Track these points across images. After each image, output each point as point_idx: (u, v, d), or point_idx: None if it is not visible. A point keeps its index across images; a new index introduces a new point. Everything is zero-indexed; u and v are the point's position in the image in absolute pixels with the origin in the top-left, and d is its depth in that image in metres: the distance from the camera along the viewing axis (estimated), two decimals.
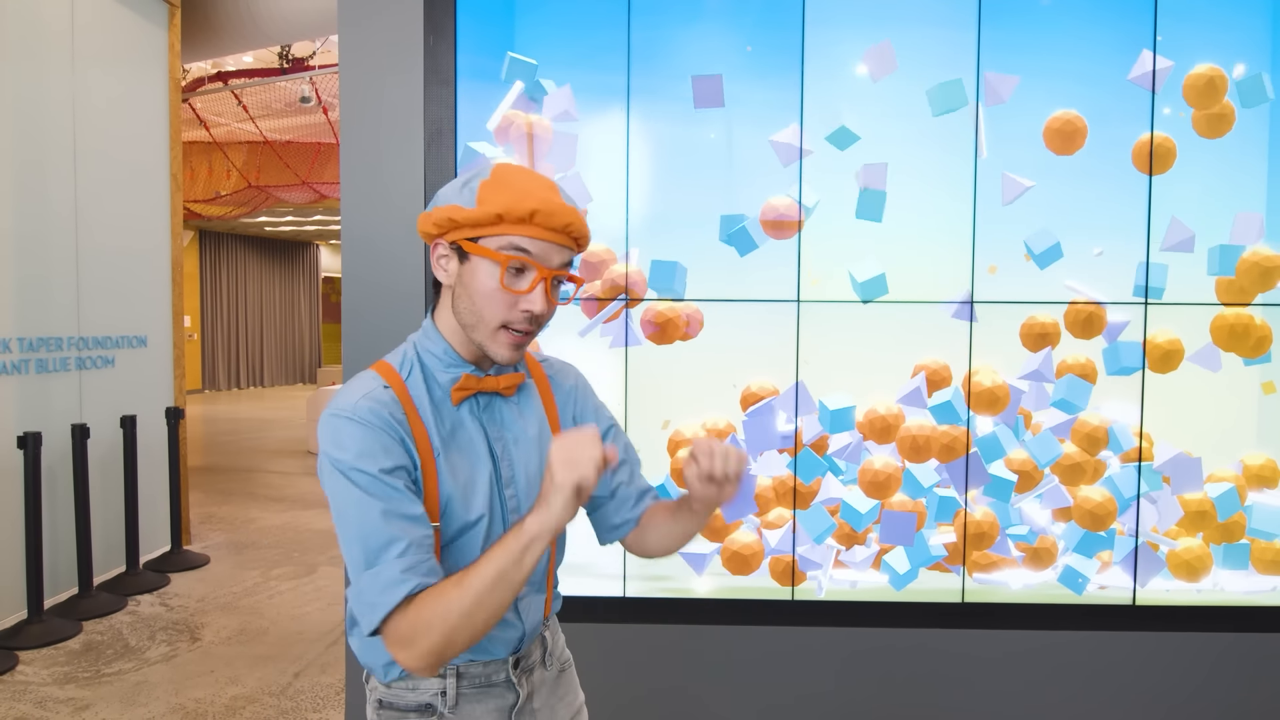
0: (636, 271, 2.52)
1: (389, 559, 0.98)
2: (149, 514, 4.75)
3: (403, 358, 1.12)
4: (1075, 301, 2.50)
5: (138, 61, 4.78)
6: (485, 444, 1.13)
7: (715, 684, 2.58)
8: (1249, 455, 2.54)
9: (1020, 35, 2.48)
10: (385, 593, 0.97)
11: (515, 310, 1.06)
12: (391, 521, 0.99)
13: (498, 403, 1.16)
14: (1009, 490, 2.53)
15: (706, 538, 2.57)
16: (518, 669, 1.18)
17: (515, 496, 1.14)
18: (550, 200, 1.04)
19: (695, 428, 2.55)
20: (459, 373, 1.12)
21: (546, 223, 1.04)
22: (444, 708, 1.14)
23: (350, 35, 2.55)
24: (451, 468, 1.08)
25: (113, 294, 4.55)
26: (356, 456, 1.01)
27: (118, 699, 3.10)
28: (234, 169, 9.94)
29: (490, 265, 1.04)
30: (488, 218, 1.03)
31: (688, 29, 2.51)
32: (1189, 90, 2.46)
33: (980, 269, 2.51)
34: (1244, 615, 2.55)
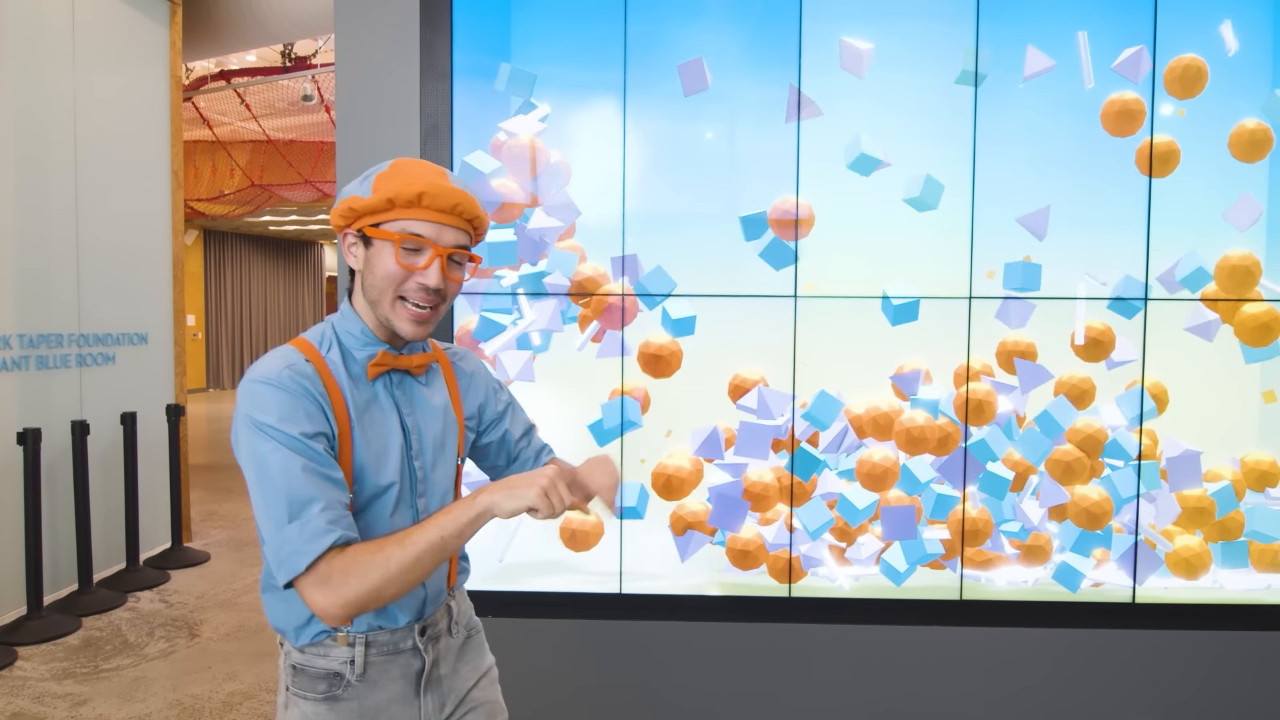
0: (630, 298, 2.51)
1: (314, 512, 1.04)
2: (149, 511, 4.75)
3: (321, 336, 1.21)
4: (1078, 297, 2.48)
5: (139, 59, 4.79)
6: (398, 418, 1.22)
7: (711, 679, 2.57)
8: (1249, 453, 2.52)
9: (1018, 30, 2.46)
10: (312, 541, 1.03)
11: (411, 285, 1.16)
12: (314, 479, 1.05)
13: (409, 381, 1.26)
14: (1004, 487, 2.52)
15: (775, 578, 2.56)
16: (424, 636, 1.24)
17: (423, 467, 1.24)
18: (436, 184, 1.14)
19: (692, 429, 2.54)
20: (375, 350, 1.21)
21: (433, 204, 1.14)
22: (352, 676, 1.19)
23: (347, 29, 2.55)
24: (365, 438, 1.17)
25: (113, 291, 4.56)
26: (280, 420, 1.07)
27: (115, 694, 3.10)
28: (238, 168, 9.95)
29: (389, 246, 1.14)
30: (381, 204, 1.13)
31: (683, 24, 2.50)
32: (1170, 81, 2.44)
33: (979, 266, 2.49)
34: (1244, 613, 2.53)
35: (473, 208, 1.18)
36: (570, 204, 2.52)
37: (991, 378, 2.50)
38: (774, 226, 2.50)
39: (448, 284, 1.18)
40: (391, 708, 1.21)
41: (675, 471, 2.53)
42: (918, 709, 2.57)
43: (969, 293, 2.50)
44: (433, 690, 1.26)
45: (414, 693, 1.24)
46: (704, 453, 2.54)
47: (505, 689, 1.46)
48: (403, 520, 1.20)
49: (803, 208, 2.50)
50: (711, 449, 2.54)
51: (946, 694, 2.56)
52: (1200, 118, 2.46)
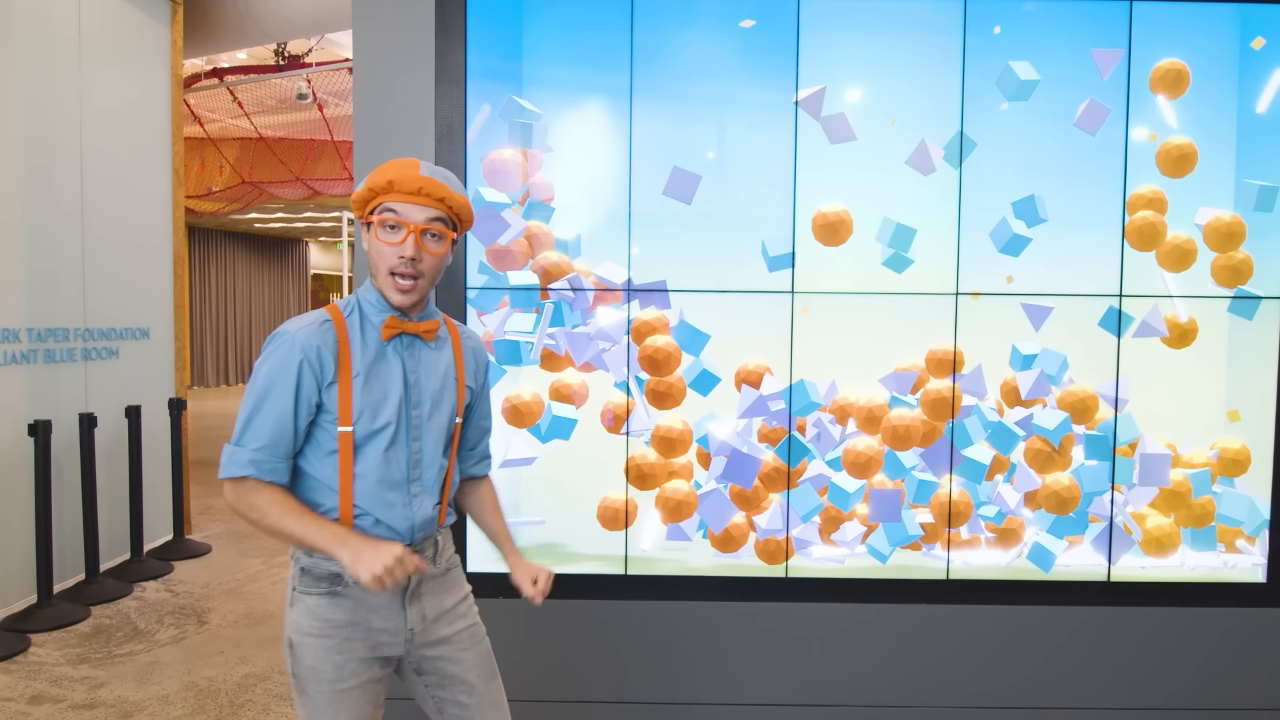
0: (661, 319, 2.64)
1: (249, 447, 1.39)
2: (151, 503, 4.83)
3: (347, 303, 1.50)
4: (1067, 294, 2.65)
5: (142, 59, 4.86)
6: (402, 373, 1.49)
7: (712, 656, 2.71)
8: (1223, 440, 2.69)
9: (1005, 39, 2.62)
10: (232, 466, 1.39)
11: (394, 258, 1.42)
12: (265, 419, 1.39)
13: (419, 345, 1.52)
14: (982, 472, 2.68)
15: (762, 559, 2.70)
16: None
17: (420, 415, 1.51)
18: (403, 170, 1.41)
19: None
20: (386, 315, 1.48)
21: (403, 187, 1.40)
22: (349, 579, 1.44)
23: (364, 35, 2.66)
24: (368, 386, 1.45)
25: (117, 286, 4.63)
26: (275, 367, 1.39)
27: (131, 678, 3.20)
28: (227, 164, 9.98)
29: (376, 229, 1.43)
30: (366, 193, 1.43)
31: (688, 31, 2.64)
32: (1155, 83, 2.61)
33: (965, 263, 2.64)
34: (1212, 591, 2.70)
35: (438, 189, 1.42)
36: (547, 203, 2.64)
37: (960, 372, 2.66)
38: (815, 231, 2.63)
39: (424, 255, 1.44)
40: (381, 610, 1.48)
41: (667, 433, 2.66)
42: (908, 681, 2.72)
43: (955, 289, 2.65)
44: (414, 604, 1.52)
45: (399, 604, 1.50)
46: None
47: (511, 669, 1.61)
48: (397, 457, 1.48)
49: (839, 214, 2.64)
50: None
51: (934, 667, 2.71)
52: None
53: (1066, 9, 2.61)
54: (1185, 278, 2.65)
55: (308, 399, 1.41)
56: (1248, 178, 2.63)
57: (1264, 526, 2.68)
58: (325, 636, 1.44)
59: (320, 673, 1.44)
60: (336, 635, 1.45)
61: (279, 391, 1.39)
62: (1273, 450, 2.68)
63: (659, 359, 2.65)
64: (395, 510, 1.47)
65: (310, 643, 1.44)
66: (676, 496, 2.68)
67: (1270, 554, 2.69)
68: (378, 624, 1.48)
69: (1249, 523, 2.69)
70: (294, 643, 1.47)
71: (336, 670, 1.44)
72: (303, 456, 1.46)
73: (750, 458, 2.67)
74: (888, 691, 2.72)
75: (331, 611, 1.44)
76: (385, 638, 1.49)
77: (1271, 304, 2.65)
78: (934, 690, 2.72)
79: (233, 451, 1.39)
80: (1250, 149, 2.63)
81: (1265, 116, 2.63)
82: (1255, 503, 2.68)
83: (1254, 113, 2.63)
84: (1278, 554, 2.68)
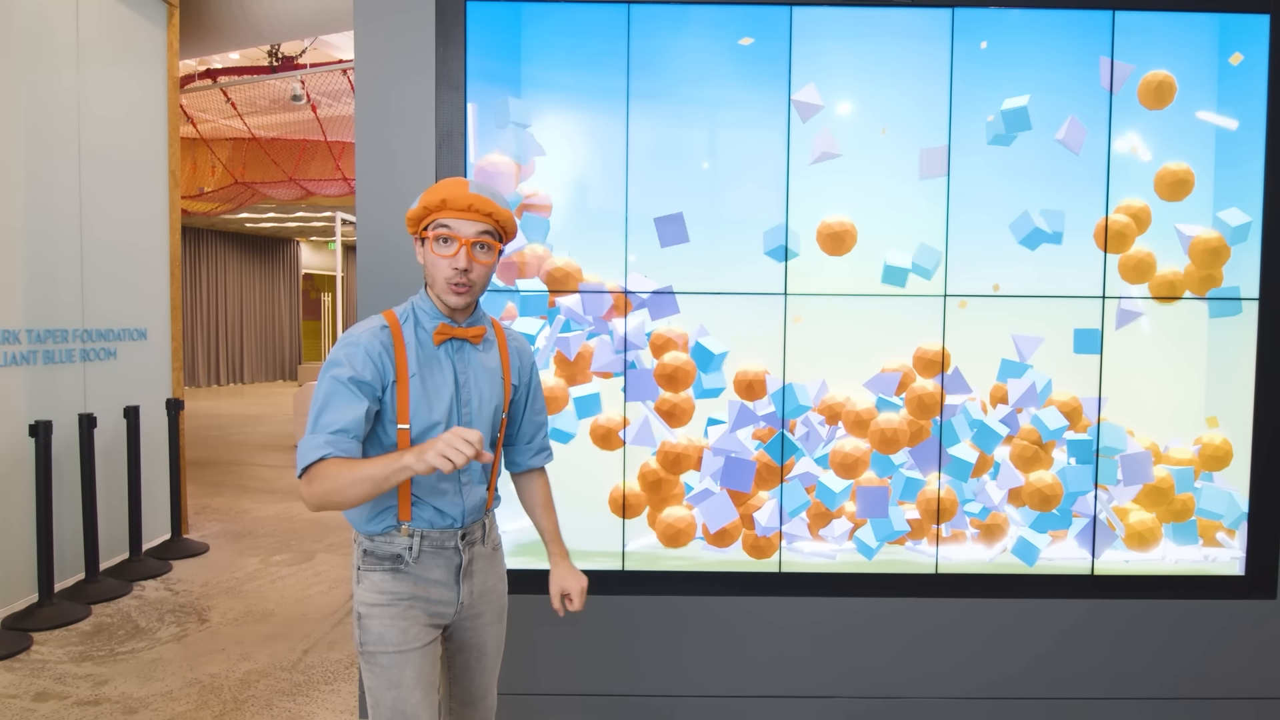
0: (681, 334, 2.71)
1: (323, 433, 1.49)
2: (149, 503, 4.85)
3: (404, 309, 1.66)
4: (1047, 295, 2.72)
5: (139, 61, 4.88)
6: (453, 374, 1.65)
7: (707, 650, 2.77)
8: (1206, 436, 2.77)
9: (991, 49, 2.69)
10: (310, 451, 1.48)
11: (448, 269, 1.57)
12: (338, 409, 1.51)
13: (468, 349, 1.68)
14: (968, 470, 2.75)
15: (749, 553, 2.77)
16: (464, 540, 1.68)
17: (469, 412, 1.66)
18: (453, 189, 1.55)
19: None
20: (438, 322, 1.64)
21: (454, 205, 1.55)
22: (410, 559, 1.63)
23: (365, 41, 2.71)
24: (424, 386, 1.60)
25: (115, 288, 4.66)
26: (339, 365, 1.54)
27: (135, 675, 3.24)
28: (219, 164, 9.98)
29: (431, 243, 1.58)
30: (420, 211, 1.59)
31: (682, 39, 2.70)
32: (1143, 94, 2.69)
33: (954, 266, 2.72)
34: (1192, 584, 2.78)
35: (486, 204, 1.57)
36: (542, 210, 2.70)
37: (946, 373, 2.73)
38: (820, 241, 2.71)
39: (474, 266, 1.59)
40: (438, 586, 1.66)
41: (672, 448, 2.73)
42: (897, 673, 2.79)
43: (944, 291, 2.72)
44: (467, 580, 1.70)
45: (454, 580, 1.68)
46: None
47: (509, 662, 1.71)
48: None
49: (845, 224, 2.71)
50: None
51: (924, 659, 2.79)
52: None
53: (1050, 18, 2.68)
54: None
55: (372, 392, 1.55)
56: (1225, 185, 2.72)
57: (1243, 519, 2.77)
58: (390, 605, 1.61)
59: (387, 638, 1.61)
60: (399, 605, 1.62)
61: (349, 385, 1.53)
62: (1250, 447, 2.76)
63: (678, 377, 2.72)
64: (448, 499, 1.65)
65: (377, 612, 1.61)
66: (678, 525, 2.74)
67: (1248, 547, 2.78)
68: (435, 596, 1.65)
69: (1228, 515, 2.77)
70: (362, 614, 1.63)
71: (401, 634, 1.61)
72: (367, 449, 1.61)
73: (746, 462, 2.73)
74: (878, 683, 2.80)
75: (395, 585, 1.62)
76: (441, 608, 1.67)
77: (1249, 304, 2.73)
78: (923, 682, 2.80)
79: (309, 439, 1.49)
80: (1228, 157, 2.72)
81: (1241, 125, 2.71)
82: (1234, 496, 2.77)
83: (1233, 119, 2.71)
84: (1256, 547, 2.77)
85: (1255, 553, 2.77)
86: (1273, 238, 2.71)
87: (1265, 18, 2.69)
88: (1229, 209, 2.72)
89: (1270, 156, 2.70)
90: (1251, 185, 2.72)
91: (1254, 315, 2.74)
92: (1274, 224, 2.71)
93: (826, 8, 2.67)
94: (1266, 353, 2.73)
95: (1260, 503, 2.76)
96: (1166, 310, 2.74)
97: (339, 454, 1.48)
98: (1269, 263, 2.72)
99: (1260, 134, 2.70)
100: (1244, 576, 2.78)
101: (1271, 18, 2.68)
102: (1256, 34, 2.69)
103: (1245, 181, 2.72)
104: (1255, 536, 2.77)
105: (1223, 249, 2.72)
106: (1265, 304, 2.73)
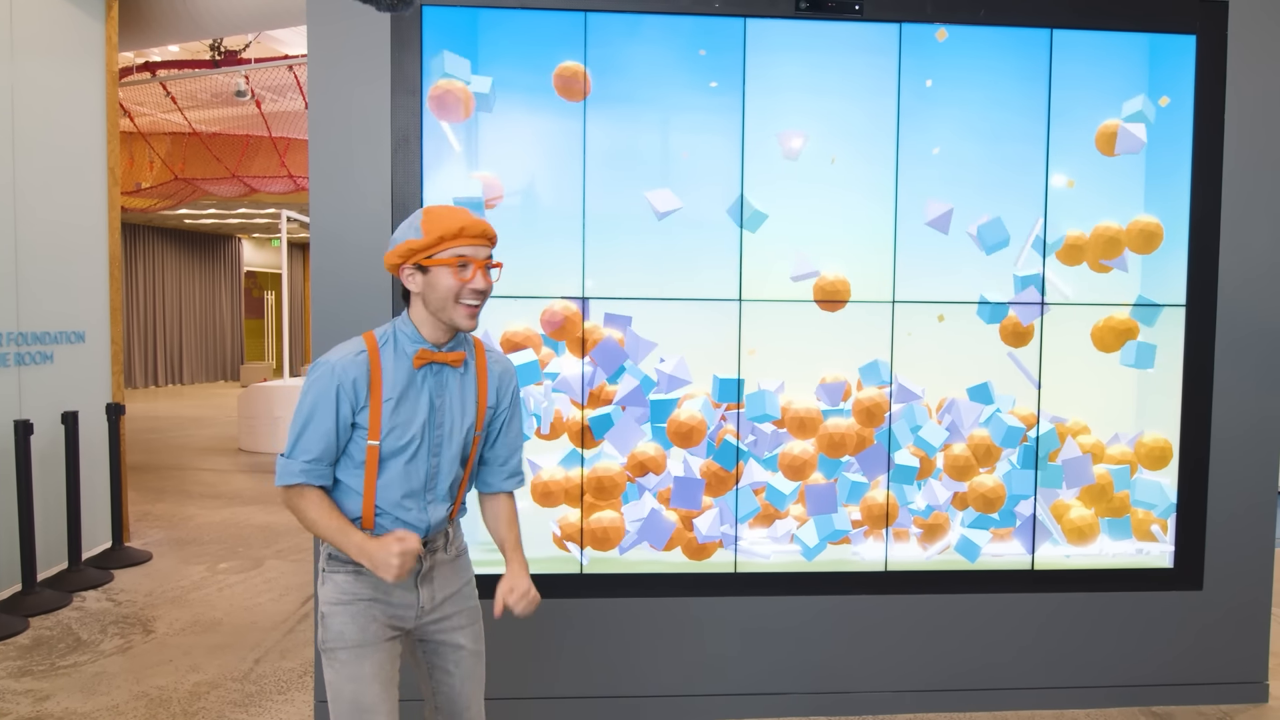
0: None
1: (300, 459, 1.63)
2: (89, 510, 4.70)
3: (384, 333, 1.71)
4: (988, 301, 2.82)
5: (76, 55, 4.72)
6: (429, 397, 1.70)
7: (665, 649, 2.82)
8: (1146, 435, 2.91)
9: (936, 60, 2.78)
10: (286, 475, 1.63)
11: (467, 291, 1.64)
12: (312, 436, 1.63)
13: (446, 372, 1.73)
14: (912, 475, 2.85)
15: (688, 555, 2.80)
16: (426, 547, 1.74)
17: (441, 434, 1.72)
18: (468, 219, 1.64)
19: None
20: (419, 347, 1.69)
21: (470, 233, 1.63)
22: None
23: (318, 44, 2.68)
24: (399, 408, 1.67)
25: (51, 289, 4.50)
26: (318, 393, 1.63)
27: (78, 689, 3.15)
28: (158, 159, 9.68)
29: (446, 269, 1.63)
30: (434, 240, 1.61)
31: (638, 48, 2.73)
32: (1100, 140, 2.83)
33: (901, 272, 2.80)
34: (1127, 576, 2.92)
35: (490, 230, 1.68)
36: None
37: (888, 387, 2.82)
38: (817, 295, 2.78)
39: (489, 286, 1.68)
40: (398, 590, 1.73)
41: (644, 458, 2.76)
42: (849, 667, 2.87)
43: (892, 297, 2.81)
44: (426, 585, 1.76)
45: (414, 584, 1.74)
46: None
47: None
48: (417, 469, 1.70)
49: (840, 281, 2.79)
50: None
51: (875, 653, 2.87)
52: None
53: (993, 35, 2.79)
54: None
55: (345, 420, 1.65)
56: (1155, 195, 2.86)
57: (1172, 510, 2.91)
58: (351, 604, 1.69)
59: (346, 635, 1.68)
60: (360, 604, 1.70)
61: (322, 413, 1.63)
62: (1179, 446, 2.91)
63: (684, 433, 2.77)
64: (412, 514, 1.72)
65: (338, 610, 1.69)
66: (603, 525, 2.78)
67: (1176, 542, 2.92)
68: (395, 599, 1.72)
69: (1159, 506, 2.92)
70: (324, 614, 1.71)
71: (361, 632, 1.69)
72: (338, 465, 1.70)
73: (695, 480, 2.78)
74: (831, 677, 2.87)
75: (356, 586, 1.70)
76: (400, 610, 1.73)
77: (1177, 310, 2.88)
78: (875, 675, 2.88)
79: (286, 463, 1.64)
80: (1158, 166, 2.85)
81: (1168, 138, 2.86)
82: (1164, 487, 2.91)
83: (1162, 133, 2.85)
84: (1184, 542, 2.92)
85: (1183, 547, 2.92)
86: (1199, 247, 2.86)
87: (1191, 38, 2.83)
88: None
89: (1196, 168, 2.85)
90: (1178, 195, 2.86)
91: (1180, 319, 2.88)
92: (1200, 234, 2.86)
93: (779, 20, 2.73)
94: (1193, 358, 2.88)
95: (1187, 500, 2.91)
96: (1102, 311, 2.87)
97: (312, 482, 1.64)
98: (1195, 270, 2.87)
99: (1187, 147, 2.85)
100: (1173, 569, 2.93)
101: (1197, 38, 2.82)
102: (1183, 53, 2.84)
103: (1173, 191, 2.86)
104: (1183, 531, 2.92)
105: (1158, 233, 2.86)
106: (1191, 309, 2.87)
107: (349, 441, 1.67)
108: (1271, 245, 2.88)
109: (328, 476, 1.67)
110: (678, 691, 2.83)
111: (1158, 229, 2.85)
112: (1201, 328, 2.87)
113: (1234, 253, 2.87)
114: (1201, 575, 2.92)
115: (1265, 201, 2.87)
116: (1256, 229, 2.87)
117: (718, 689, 2.84)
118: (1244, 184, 2.86)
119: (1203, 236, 2.86)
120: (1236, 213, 2.86)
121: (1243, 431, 2.90)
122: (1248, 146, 2.85)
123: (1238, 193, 2.86)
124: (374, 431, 1.65)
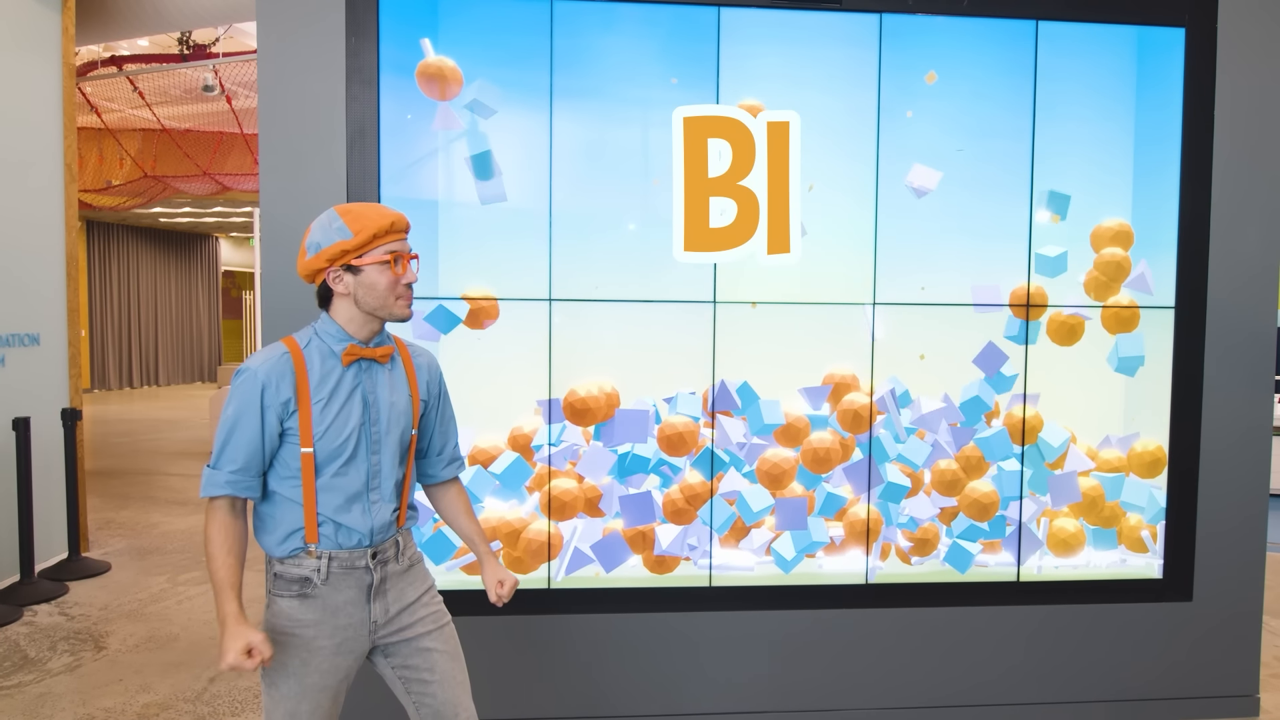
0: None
1: (225, 470, 1.59)
2: (43, 520, 4.52)
3: (304, 334, 1.68)
4: (970, 303, 2.72)
5: (29, 46, 4.54)
6: (361, 395, 1.67)
7: (641, 667, 2.69)
8: (1138, 443, 2.81)
9: (918, 54, 2.67)
10: (211, 486, 1.59)
11: (400, 285, 1.65)
12: (237, 445, 1.59)
13: (376, 368, 1.71)
14: (901, 493, 2.73)
15: (652, 567, 2.68)
16: (375, 559, 1.69)
17: (378, 430, 1.69)
18: (393, 213, 1.65)
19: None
20: (347, 344, 1.66)
21: (399, 227, 1.65)
22: (319, 580, 1.64)
23: (269, 31, 2.54)
24: (329, 408, 1.63)
25: (3, 290, 4.32)
26: (241, 400, 1.59)
27: (19, 713, 2.98)
28: (127, 157, 9.45)
29: (380, 266, 1.63)
30: (368, 239, 1.61)
31: (608, 38, 2.60)
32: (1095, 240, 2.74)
33: (881, 273, 2.69)
34: (1116, 587, 2.82)
35: (406, 221, 1.69)
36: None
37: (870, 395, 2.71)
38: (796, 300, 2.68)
39: (415, 277, 1.70)
40: (348, 607, 1.67)
41: (585, 399, 2.63)
42: (830, 684, 2.76)
43: (873, 299, 2.70)
44: (379, 599, 1.70)
45: (365, 599, 1.68)
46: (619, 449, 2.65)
47: None
48: (357, 470, 1.66)
49: (852, 379, 2.68)
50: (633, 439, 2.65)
51: (853, 670, 2.76)
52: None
53: (977, 26, 2.68)
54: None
55: (271, 426, 1.60)
56: (1143, 194, 2.76)
57: (1161, 515, 2.81)
58: (294, 635, 1.63)
59: (288, 667, 1.63)
60: (305, 634, 1.64)
61: (246, 421, 1.59)
62: (1168, 454, 2.81)
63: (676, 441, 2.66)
64: (355, 518, 1.66)
65: (281, 640, 1.63)
66: (563, 499, 2.65)
67: (1165, 551, 2.83)
68: (343, 620, 1.66)
69: (1148, 510, 2.82)
70: (268, 638, 1.63)
71: (302, 665, 1.63)
72: (272, 473, 1.64)
73: (646, 496, 2.65)
74: (810, 696, 2.76)
75: (302, 612, 1.64)
76: (350, 632, 1.67)
77: (1166, 313, 2.78)
78: (854, 692, 2.77)
79: (211, 474, 1.59)
80: (1146, 161, 2.76)
81: (1158, 135, 2.76)
82: (1153, 491, 2.81)
83: (1150, 127, 2.75)
84: (1173, 551, 2.82)
85: (1172, 557, 2.83)
86: (1188, 248, 2.77)
87: (1181, 31, 2.73)
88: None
89: (1185, 167, 2.75)
90: (1167, 194, 2.76)
91: (1170, 322, 2.79)
92: (1189, 235, 2.76)
93: (755, 9, 2.61)
94: (1182, 361, 2.79)
95: (1177, 508, 2.81)
96: (1089, 314, 2.77)
97: (238, 494, 1.60)
98: (1184, 272, 2.77)
99: (1176, 144, 2.75)
100: (1162, 580, 2.83)
101: (1187, 31, 2.73)
102: (1172, 46, 2.74)
103: (1162, 191, 2.76)
104: (1172, 541, 2.82)
105: (1125, 261, 2.76)
106: (1180, 311, 2.78)
107: (282, 450, 1.63)
108: (1262, 246, 2.79)
109: (255, 489, 1.62)
110: (651, 711, 2.71)
111: (1129, 231, 2.75)
112: (1191, 331, 2.78)
113: (1224, 255, 2.78)
114: (1191, 586, 2.83)
115: (1256, 200, 2.78)
116: (1246, 229, 2.78)
117: (694, 708, 2.72)
118: (1234, 182, 2.76)
119: (1192, 237, 2.76)
120: (1227, 212, 2.77)
121: (1233, 439, 2.81)
122: (1238, 143, 2.75)
123: (1228, 192, 2.76)
124: (306, 438, 1.61)
